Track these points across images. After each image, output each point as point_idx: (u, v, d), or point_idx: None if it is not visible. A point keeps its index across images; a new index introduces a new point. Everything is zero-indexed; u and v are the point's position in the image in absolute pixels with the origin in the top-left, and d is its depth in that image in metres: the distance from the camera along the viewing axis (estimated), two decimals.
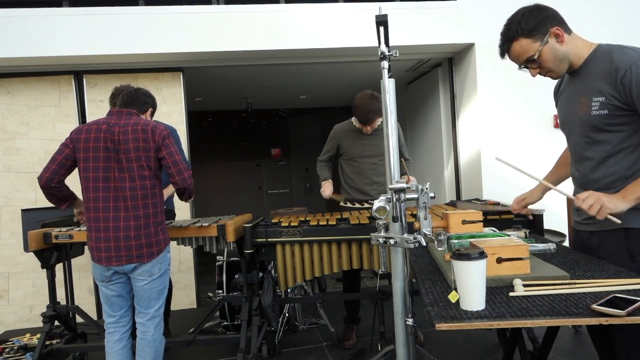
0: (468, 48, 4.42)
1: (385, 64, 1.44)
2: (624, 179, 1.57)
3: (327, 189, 3.15)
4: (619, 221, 1.49)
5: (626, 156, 1.57)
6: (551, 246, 1.73)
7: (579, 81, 1.67)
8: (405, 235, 1.38)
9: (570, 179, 1.96)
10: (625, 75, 1.49)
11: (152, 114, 2.72)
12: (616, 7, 4.43)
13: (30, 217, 3.12)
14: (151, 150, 2.20)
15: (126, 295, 2.33)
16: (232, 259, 3.38)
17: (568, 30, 1.63)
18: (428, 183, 1.42)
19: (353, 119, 3.21)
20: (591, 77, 1.61)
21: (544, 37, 1.59)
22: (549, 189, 2.00)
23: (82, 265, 4.08)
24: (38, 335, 2.97)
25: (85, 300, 4.06)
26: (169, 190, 3.12)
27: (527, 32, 1.60)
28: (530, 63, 1.65)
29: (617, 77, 1.51)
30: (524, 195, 2.04)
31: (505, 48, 1.67)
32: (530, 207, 2.08)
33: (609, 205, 1.48)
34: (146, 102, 2.60)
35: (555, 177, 2.00)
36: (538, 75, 1.72)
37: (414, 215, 2.37)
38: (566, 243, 3.13)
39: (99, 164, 2.18)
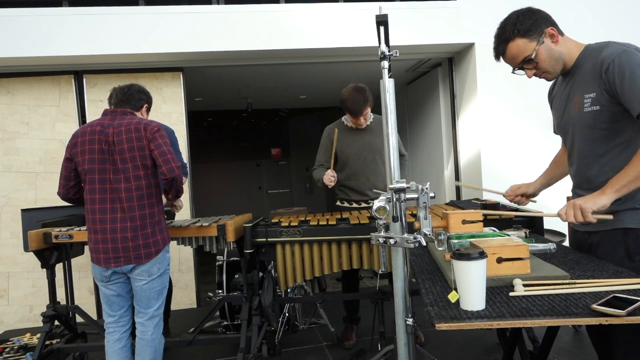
0: (468, 48, 4.42)
1: (385, 63, 1.44)
2: None
3: (328, 174, 3.03)
4: (610, 217, 1.50)
5: (620, 152, 1.57)
6: (551, 246, 1.73)
7: (571, 81, 1.69)
8: (405, 235, 1.38)
9: (565, 179, 1.98)
10: (608, 67, 1.50)
11: (148, 110, 2.66)
12: (615, 8, 4.43)
13: (30, 217, 3.12)
14: (145, 148, 2.19)
15: (126, 295, 2.33)
16: (232, 258, 3.38)
17: (560, 32, 1.66)
18: (428, 183, 1.42)
19: (343, 118, 3.21)
20: (582, 76, 1.63)
21: (539, 37, 1.61)
22: (549, 185, 2.02)
23: (82, 265, 4.08)
24: (38, 335, 2.97)
25: (85, 300, 4.06)
26: None
27: (522, 32, 1.61)
28: (527, 64, 1.65)
29: (601, 70, 1.52)
30: (520, 184, 2.03)
31: (501, 50, 1.68)
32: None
33: (586, 205, 1.48)
34: (140, 98, 2.55)
35: (547, 177, 2.01)
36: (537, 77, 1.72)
37: (414, 215, 2.37)
38: (566, 243, 3.13)
39: (94, 166, 2.18)
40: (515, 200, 2.04)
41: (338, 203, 3.28)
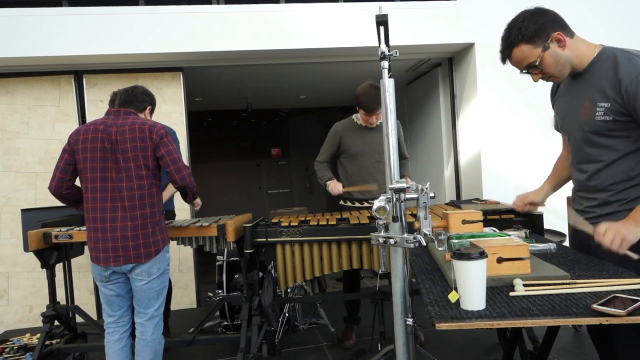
0: (468, 48, 4.42)
1: (385, 63, 1.44)
2: (625, 181, 1.57)
3: (336, 186, 3.07)
4: (637, 256, 1.45)
5: (628, 160, 1.56)
6: (551, 246, 1.73)
7: (582, 84, 1.64)
8: (405, 235, 1.38)
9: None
10: (630, 84, 1.46)
11: (151, 112, 2.68)
12: (615, 9, 4.43)
13: (30, 217, 3.12)
14: (149, 149, 2.19)
15: (125, 295, 2.33)
16: (232, 259, 3.38)
17: (570, 34, 1.60)
18: (428, 183, 1.42)
19: (354, 116, 3.21)
20: (596, 82, 1.58)
21: (545, 42, 1.56)
22: (555, 190, 1.97)
23: (82, 265, 4.08)
24: (38, 335, 2.97)
25: (85, 300, 4.06)
26: (168, 191, 3.11)
27: (527, 37, 1.56)
28: (532, 69, 1.62)
29: (621, 86, 1.48)
30: (527, 193, 1.99)
31: (506, 54, 1.64)
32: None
33: (629, 237, 1.44)
34: (144, 100, 2.57)
35: (553, 183, 1.97)
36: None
37: (414, 215, 2.37)
38: (566, 243, 3.13)
39: (96, 164, 2.18)
40: (525, 210, 1.99)
41: (341, 202, 3.28)
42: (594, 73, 1.59)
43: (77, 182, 2.31)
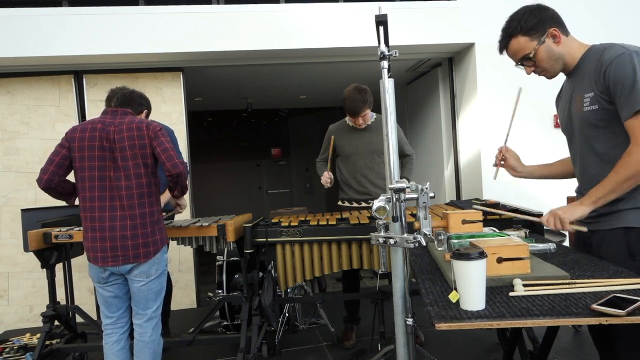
0: (468, 48, 4.42)
1: (385, 63, 1.44)
2: None
3: (325, 176, 3.16)
4: (584, 229, 1.57)
5: (622, 152, 1.56)
6: (551, 246, 1.73)
7: (574, 81, 1.71)
8: (405, 235, 1.38)
9: (566, 181, 1.97)
10: (607, 68, 1.52)
11: (147, 116, 2.71)
12: (615, 9, 4.43)
13: (30, 217, 3.12)
14: (147, 146, 2.19)
15: (123, 296, 2.31)
16: (232, 259, 3.38)
17: (565, 32, 1.67)
18: (428, 183, 1.42)
19: (346, 118, 3.23)
20: (583, 76, 1.64)
21: (541, 36, 1.63)
22: (537, 177, 2.05)
23: (82, 265, 4.08)
24: (38, 335, 2.97)
25: (85, 300, 4.06)
26: (167, 194, 3.10)
27: (525, 30, 1.64)
28: (526, 61, 1.69)
29: (601, 71, 1.55)
30: (519, 163, 2.06)
31: (504, 44, 1.72)
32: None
33: (564, 215, 1.57)
34: (141, 103, 2.61)
35: (541, 171, 2.02)
36: (539, 76, 1.74)
37: (414, 215, 2.37)
38: (566, 243, 3.13)
39: (94, 163, 2.17)
40: (499, 163, 2.11)
41: (339, 203, 3.29)
42: (582, 69, 1.66)
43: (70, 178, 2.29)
